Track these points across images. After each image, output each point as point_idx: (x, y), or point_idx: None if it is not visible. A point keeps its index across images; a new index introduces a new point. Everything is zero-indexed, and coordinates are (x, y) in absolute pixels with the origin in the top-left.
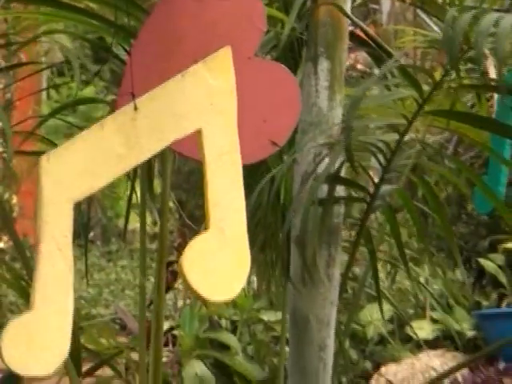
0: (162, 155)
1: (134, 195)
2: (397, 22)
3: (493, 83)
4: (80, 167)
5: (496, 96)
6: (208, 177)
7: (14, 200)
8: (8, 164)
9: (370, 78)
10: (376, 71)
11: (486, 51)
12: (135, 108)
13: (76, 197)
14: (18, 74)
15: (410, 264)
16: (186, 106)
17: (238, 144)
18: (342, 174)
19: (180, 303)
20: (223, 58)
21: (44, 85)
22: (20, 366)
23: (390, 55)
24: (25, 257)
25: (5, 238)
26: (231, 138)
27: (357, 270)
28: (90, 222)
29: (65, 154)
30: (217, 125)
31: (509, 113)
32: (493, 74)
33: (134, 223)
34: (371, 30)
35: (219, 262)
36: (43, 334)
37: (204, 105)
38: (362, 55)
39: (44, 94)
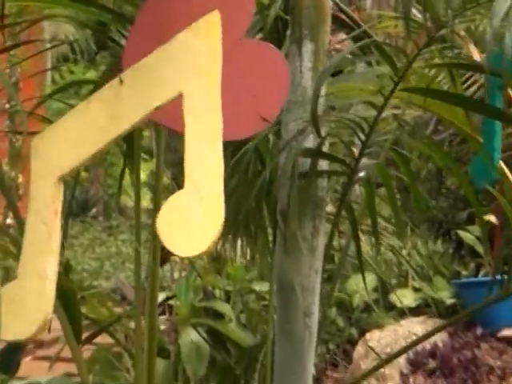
0: (156, 134)
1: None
2: (380, 7)
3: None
4: (65, 142)
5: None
6: (187, 138)
7: (20, 179)
8: (14, 144)
9: (342, 53)
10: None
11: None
12: (120, 81)
13: (62, 171)
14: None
15: (393, 236)
16: (170, 71)
17: (220, 106)
18: (326, 149)
19: (176, 275)
20: (209, 22)
21: (49, 71)
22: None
23: (371, 37)
24: None
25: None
26: (212, 99)
27: (343, 241)
28: (93, 200)
29: (54, 132)
30: (198, 87)
31: (496, 94)
32: (476, 54)
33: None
34: (355, 15)
35: (191, 219)
36: (23, 299)
37: (187, 68)
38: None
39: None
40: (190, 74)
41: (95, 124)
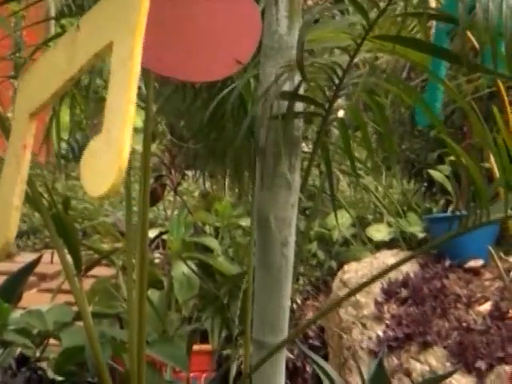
0: (145, 82)
1: None
2: None
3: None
4: (35, 83)
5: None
6: (110, 85)
7: None
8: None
9: (321, 5)
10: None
11: None
12: (78, 28)
13: (31, 108)
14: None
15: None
16: (106, 21)
17: (139, 54)
18: (301, 91)
19: (169, 212)
20: None
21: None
22: None
23: None
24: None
25: None
26: (131, 50)
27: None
28: None
29: (30, 73)
30: (122, 36)
31: (444, 37)
32: (433, 3)
33: (135, 145)
34: None
35: (99, 162)
36: None
37: (119, 20)
38: None
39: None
40: (119, 24)
41: (57, 66)
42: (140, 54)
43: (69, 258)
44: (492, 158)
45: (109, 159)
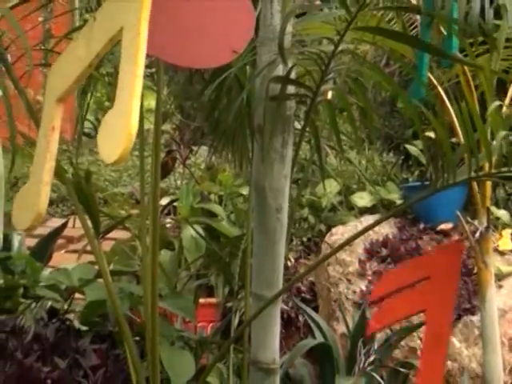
0: (156, 68)
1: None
2: None
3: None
4: (60, 70)
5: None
6: (120, 64)
7: None
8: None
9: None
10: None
11: None
12: (94, 19)
13: (59, 95)
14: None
15: (354, 150)
16: (117, 10)
17: (145, 36)
18: (293, 76)
19: (179, 182)
20: None
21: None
22: (14, 222)
23: None
24: None
25: None
26: (137, 31)
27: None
28: None
29: (57, 63)
30: (130, 21)
31: (426, 31)
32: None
33: (149, 124)
34: None
35: (110, 132)
36: (26, 199)
37: (126, 7)
38: None
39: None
40: (127, 11)
41: (77, 55)
42: (145, 36)
43: (89, 223)
44: (460, 132)
45: (119, 128)
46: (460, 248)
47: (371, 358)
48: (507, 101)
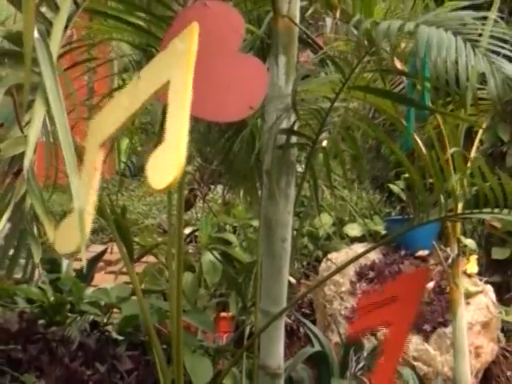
0: None
1: None
2: (337, 32)
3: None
4: (104, 120)
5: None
6: (168, 108)
7: None
8: None
9: (307, 64)
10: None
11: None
12: (138, 77)
13: (102, 139)
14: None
15: (346, 188)
16: (164, 65)
17: (190, 86)
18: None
19: (199, 215)
20: (189, 31)
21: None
22: (58, 248)
23: (326, 53)
24: None
25: None
26: (185, 82)
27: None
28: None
29: (99, 114)
30: (178, 74)
31: (411, 90)
32: (398, 64)
33: None
34: (317, 39)
35: (161, 163)
36: (70, 228)
37: (174, 63)
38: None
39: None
40: (175, 67)
41: (121, 106)
42: (191, 88)
43: (125, 249)
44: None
45: (170, 160)
46: (425, 274)
47: (361, 364)
48: (474, 149)
